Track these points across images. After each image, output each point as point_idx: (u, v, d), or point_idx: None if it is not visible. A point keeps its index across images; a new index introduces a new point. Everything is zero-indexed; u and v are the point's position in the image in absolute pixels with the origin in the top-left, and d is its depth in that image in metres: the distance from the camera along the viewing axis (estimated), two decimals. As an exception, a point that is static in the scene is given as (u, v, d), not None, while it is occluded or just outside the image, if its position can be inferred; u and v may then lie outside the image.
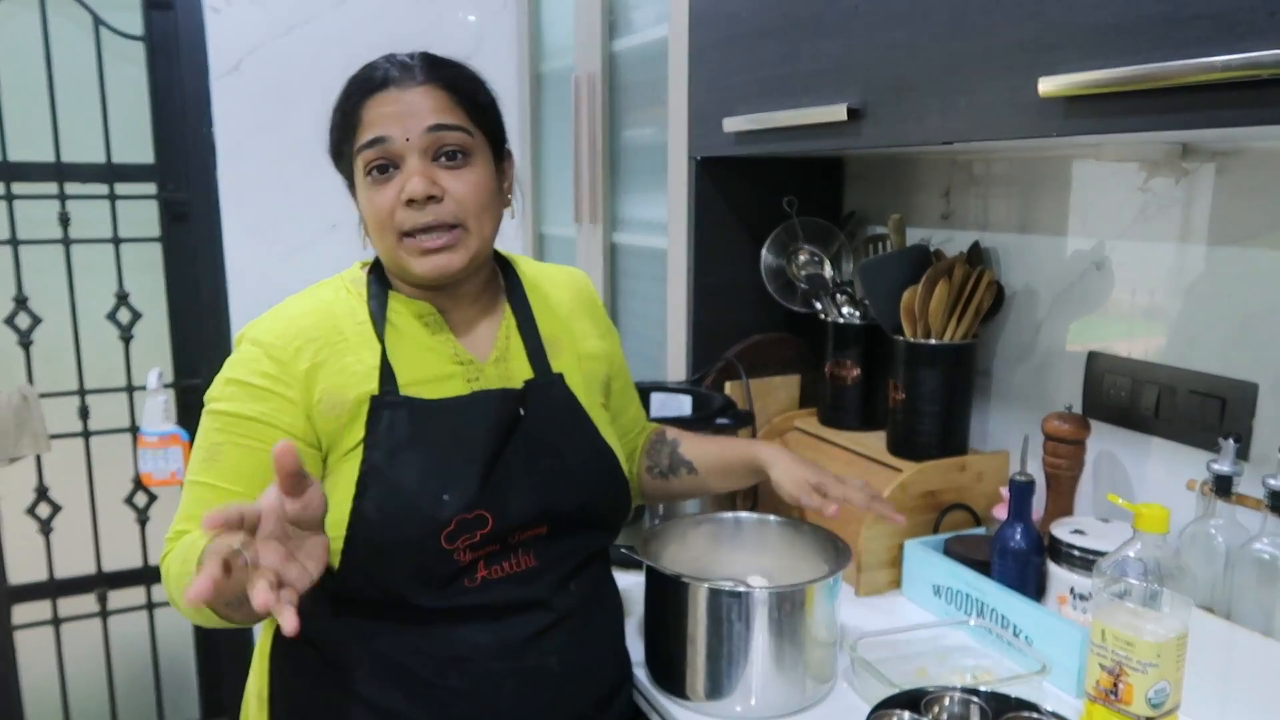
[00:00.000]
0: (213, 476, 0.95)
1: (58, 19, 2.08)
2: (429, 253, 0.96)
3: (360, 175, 0.98)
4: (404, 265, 0.98)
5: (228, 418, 0.95)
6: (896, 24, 1.09)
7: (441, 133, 0.96)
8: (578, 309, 1.15)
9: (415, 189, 0.94)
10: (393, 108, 0.95)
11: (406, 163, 0.95)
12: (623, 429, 1.23)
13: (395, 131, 0.95)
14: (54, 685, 2.29)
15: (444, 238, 0.96)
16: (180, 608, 0.95)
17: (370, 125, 0.96)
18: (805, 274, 1.64)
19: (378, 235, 0.98)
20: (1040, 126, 0.91)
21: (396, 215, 0.96)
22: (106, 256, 2.18)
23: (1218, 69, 0.72)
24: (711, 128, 1.50)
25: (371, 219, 0.98)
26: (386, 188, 0.96)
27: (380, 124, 0.95)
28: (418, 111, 0.95)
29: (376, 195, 0.96)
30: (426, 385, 0.99)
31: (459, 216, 0.97)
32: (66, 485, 2.23)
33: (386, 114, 0.95)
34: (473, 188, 0.97)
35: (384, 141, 0.95)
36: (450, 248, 0.97)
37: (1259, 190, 1.10)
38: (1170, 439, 1.21)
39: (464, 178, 0.97)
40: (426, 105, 0.96)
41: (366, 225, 1.01)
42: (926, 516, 1.39)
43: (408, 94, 0.96)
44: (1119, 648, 0.93)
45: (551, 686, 1.01)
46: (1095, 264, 1.31)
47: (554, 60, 2.31)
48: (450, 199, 0.96)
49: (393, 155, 0.95)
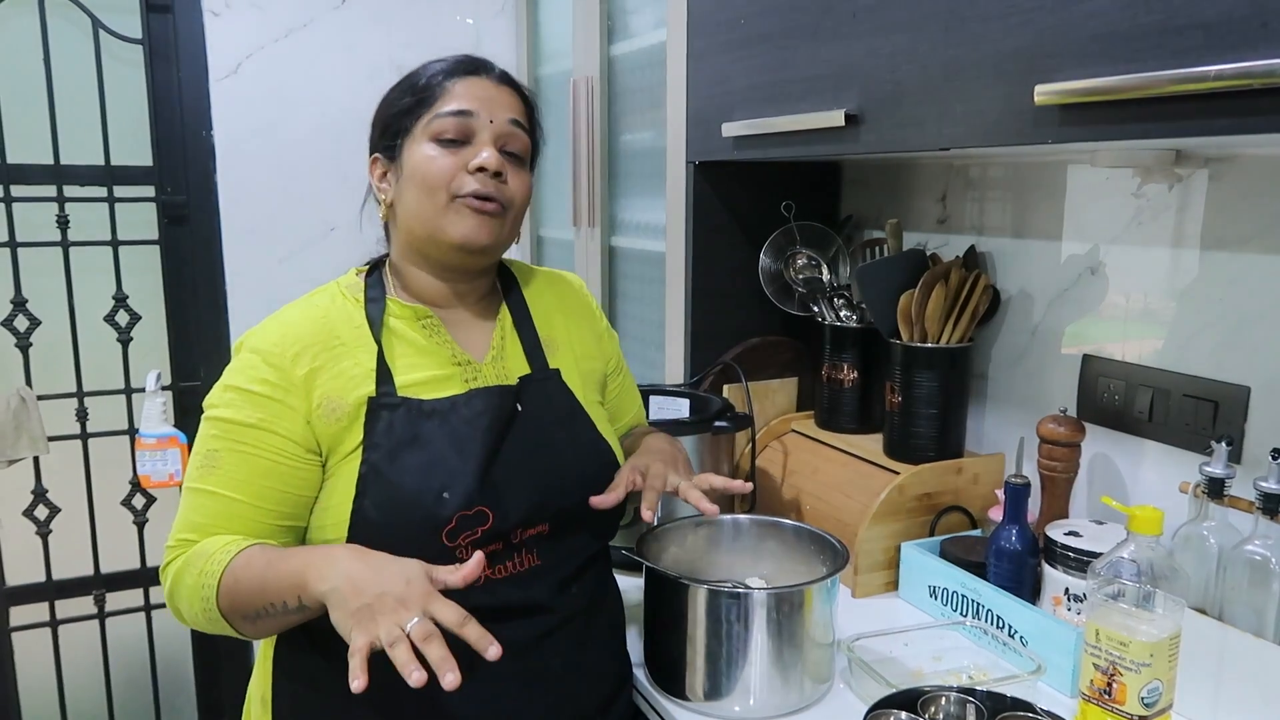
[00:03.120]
0: (212, 483, 0.95)
1: (57, 22, 2.08)
2: (474, 212, 0.99)
3: (422, 140, 1.00)
4: (443, 226, 1.00)
5: (226, 424, 0.96)
6: (894, 31, 1.10)
7: (516, 129, 1.03)
8: (573, 311, 1.17)
9: (490, 160, 0.99)
10: (481, 91, 1.02)
11: (478, 140, 1.00)
12: (623, 430, 1.24)
13: (482, 110, 1.00)
14: (51, 687, 2.28)
15: (493, 205, 1.01)
16: (187, 618, 0.96)
17: (457, 97, 1.00)
18: (803, 278, 1.65)
19: (425, 195, 1.00)
20: (1036, 133, 0.92)
21: (457, 179, 0.99)
22: (105, 259, 2.19)
23: (1210, 79, 0.73)
24: (709, 132, 1.51)
25: (424, 178, 1.00)
26: (453, 154, 1.00)
27: (468, 100, 1.00)
28: (503, 104, 1.02)
29: (441, 159, 0.99)
30: (424, 386, 1.00)
31: (509, 201, 1.02)
32: (64, 487, 2.23)
33: (475, 94, 1.01)
34: (524, 187, 1.05)
35: (469, 115, 1.00)
36: (495, 216, 1.01)
37: (1251, 196, 1.11)
38: (1164, 442, 1.23)
39: (520, 175, 1.04)
40: (510, 102, 1.03)
41: (406, 186, 1.01)
42: (923, 518, 1.40)
43: (496, 87, 1.03)
44: (1113, 648, 0.94)
45: (554, 688, 1.02)
46: (1090, 268, 1.32)
47: (552, 64, 2.32)
48: (509, 185, 1.02)
49: (470, 130, 1.00)
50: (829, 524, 1.40)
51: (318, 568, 0.86)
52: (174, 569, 0.96)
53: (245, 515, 0.95)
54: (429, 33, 2.38)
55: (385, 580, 0.83)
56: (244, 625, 0.92)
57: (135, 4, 2.11)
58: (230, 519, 0.95)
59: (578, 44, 2.05)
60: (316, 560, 0.87)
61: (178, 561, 0.96)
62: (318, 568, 0.86)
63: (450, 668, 0.78)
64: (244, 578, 0.90)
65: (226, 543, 0.93)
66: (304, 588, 0.86)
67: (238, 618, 0.92)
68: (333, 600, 0.83)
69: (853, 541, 1.35)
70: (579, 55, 2.04)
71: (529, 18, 2.39)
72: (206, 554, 0.93)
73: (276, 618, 0.90)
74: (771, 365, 1.70)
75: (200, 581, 0.92)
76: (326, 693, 1.00)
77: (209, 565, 0.92)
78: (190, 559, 0.94)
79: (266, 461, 0.95)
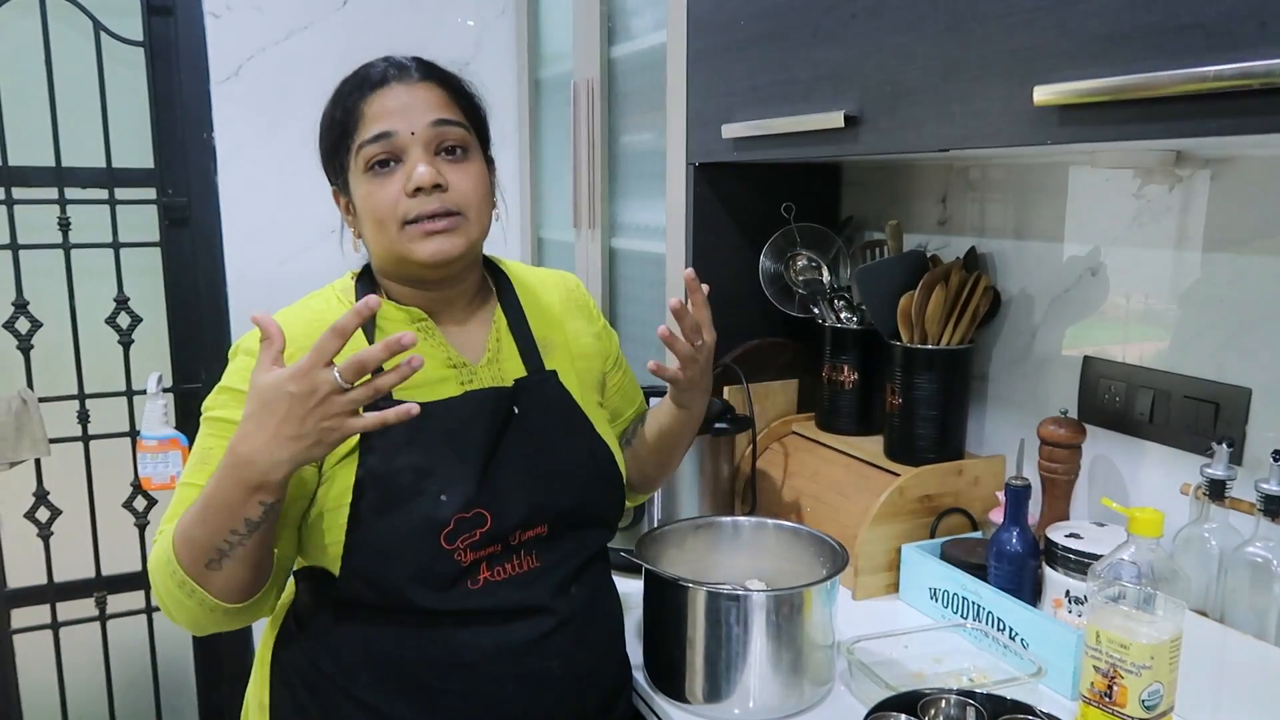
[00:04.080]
0: (203, 478, 0.93)
1: (58, 24, 2.09)
2: (432, 235, 0.97)
3: (359, 171, 0.98)
4: (406, 253, 0.98)
5: (222, 423, 0.96)
6: (893, 32, 1.10)
7: (444, 127, 0.98)
8: (569, 310, 1.16)
9: (423, 177, 0.95)
10: (395, 102, 0.96)
11: (410, 156, 0.97)
12: (622, 429, 1.24)
13: (400, 126, 0.96)
14: (52, 689, 2.28)
15: (445, 221, 0.98)
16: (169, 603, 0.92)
17: (373, 120, 0.96)
18: (803, 279, 1.65)
19: (377, 229, 0.98)
20: (1035, 134, 0.92)
21: (400, 205, 0.96)
22: (106, 261, 2.19)
23: (1210, 79, 0.73)
24: (710, 134, 1.51)
25: (372, 213, 0.98)
26: (389, 181, 0.97)
27: (384, 119, 0.96)
28: (421, 107, 0.97)
29: (379, 189, 0.97)
30: (420, 389, 0.99)
31: (461, 205, 0.99)
32: (66, 489, 2.23)
33: (389, 109, 0.96)
34: (473, 179, 1.00)
35: (389, 136, 0.96)
36: (452, 231, 0.98)
37: (1252, 197, 1.11)
38: (1164, 443, 1.22)
39: (465, 170, 0.99)
40: (429, 100, 0.98)
41: (362, 222, 1.01)
42: (923, 520, 1.40)
43: (410, 90, 0.97)
44: (1113, 650, 0.94)
45: (553, 690, 1.02)
46: (1090, 269, 1.32)
47: (553, 66, 2.32)
48: (453, 189, 0.98)
49: (397, 149, 0.96)
50: (829, 526, 1.40)
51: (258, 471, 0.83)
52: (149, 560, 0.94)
53: None
54: (430, 35, 2.38)
55: (281, 409, 0.82)
56: (209, 577, 0.88)
57: (136, 6, 2.12)
58: None
59: (578, 46, 2.05)
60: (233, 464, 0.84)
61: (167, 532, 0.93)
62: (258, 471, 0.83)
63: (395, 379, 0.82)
64: (191, 527, 0.87)
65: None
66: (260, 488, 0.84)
67: (201, 569, 0.88)
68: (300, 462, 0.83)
69: (853, 543, 1.34)
70: (579, 57, 2.04)
71: (530, 20, 2.39)
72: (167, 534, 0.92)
73: (239, 546, 0.87)
74: (772, 367, 1.70)
75: (165, 549, 0.90)
76: (324, 697, 1.00)
77: (161, 536, 0.91)
78: (158, 542, 0.93)
79: None
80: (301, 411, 0.81)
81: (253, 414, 0.83)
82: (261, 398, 0.83)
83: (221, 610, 0.91)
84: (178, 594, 0.91)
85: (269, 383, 0.82)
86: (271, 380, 0.82)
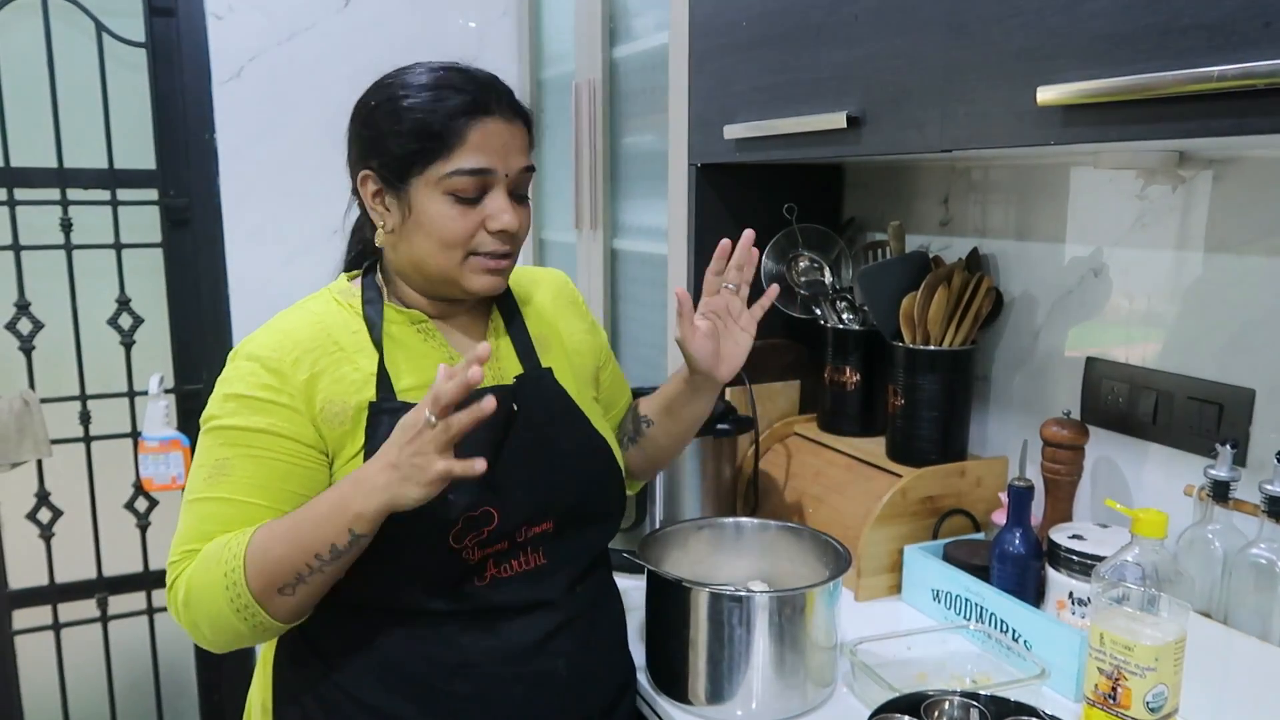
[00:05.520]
0: (225, 491, 0.94)
1: (60, 25, 2.09)
2: (491, 272, 1.00)
3: (437, 190, 0.96)
4: (460, 280, 1.00)
5: (234, 431, 0.95)
6: (896, 33, 1.10)
7: (527, 174, 1.02)
8: (562, 307, 1.17)
9: (510, 223, 0.98)
10: (498, 140, 0.98)
11: (494, 194, 0.98)
12: (615, 421, 1.24)
13: (499, 165, 0.98)
14: (54, 690, 2.28)
15: (506, 261, 1.02)
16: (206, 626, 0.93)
17: (476, 150, 0.96)
18: (805, 280, 1.65)
19: (439, 251, 0.98)
20: (1038, 135, 0.92)
21: (476, 239, 0.98)
22: (108, 262, 2.19)
23: (1213, 79, 0.73)
24: (712, 134, 1.51)
25: (440, 235, 0.97)
26: (470, 212, 0.98)
27: (487, 154, 0.97)
28: (516, 149, 1.00)
29: (459, 217, 0.97)
30: (424, 390, 0.99)
31: (519, 245, 1.03)
32: (67, 490, 2.23)
33: (492, 146, 0.97)
34: (528, 222, 1.04)
35: (489, 173, 0.97)
36: (506, 269, 1.03)
37: (1255, 197, 1.11)
38: (1168, 445, 1.22)
39: (526, 212, 1.03)
40: (521, 144, 1.01)
41: (416, 234, 0.98)
42: (926, 522, 1.39)
43: (510, 127, 0.99)
44: (1117, 652, 0.93)
45: (558, 691, 1.02)
46: (1093, 270, 1.31)
47: (554, 67, 2.32)
48: (520, 231, 1.01)
49: (488, 186, 0.98)
50: (831, 527, 1.40)
51: (356, 490, 0.89)
52: (184, 579, 0.94)
53: (259, 519, 0.94)
54: (432, 36, 2.38)
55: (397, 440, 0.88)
56: (277, 601, 0.91)
57: (138, 7, 2.12)
58: (244, 523, 0.94)
59: (580, 47, 2.05)
60: (346, 483, 0.90)
61: (186, 571, 0.94)
62: (356, 490, 0.89)
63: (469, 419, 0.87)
64: (273, 546, 0.90)
65: (230, 536, 0.93)
66: (357, 516, 0.88)
67: (272, 593, 0.90)
68: (395, 499, 0.88)
69: (855, 544, 1.34)
70: (581, 58, 2.04)
71: (531, 21, 2.39)
72: (217, 549, 0.92)
73: (318, 574, 0.91)
74: (774, 368, 1.70)
75: (222, 570, 0.90)
76: (327, 699, 1.00)
77: (226, 553, 0.91)
78: (204, 557, 0.93)
79: (283, 465, 0.95)
80: (401, 440, 0.87)
81: (384, 447, 0.90)
82: (394, 432, 0.90)
83: (271, 630, 0.94)
84: (231, 619, 0.91)
85: (403, 420, 0.89)
86: (405, 418, 0.89)
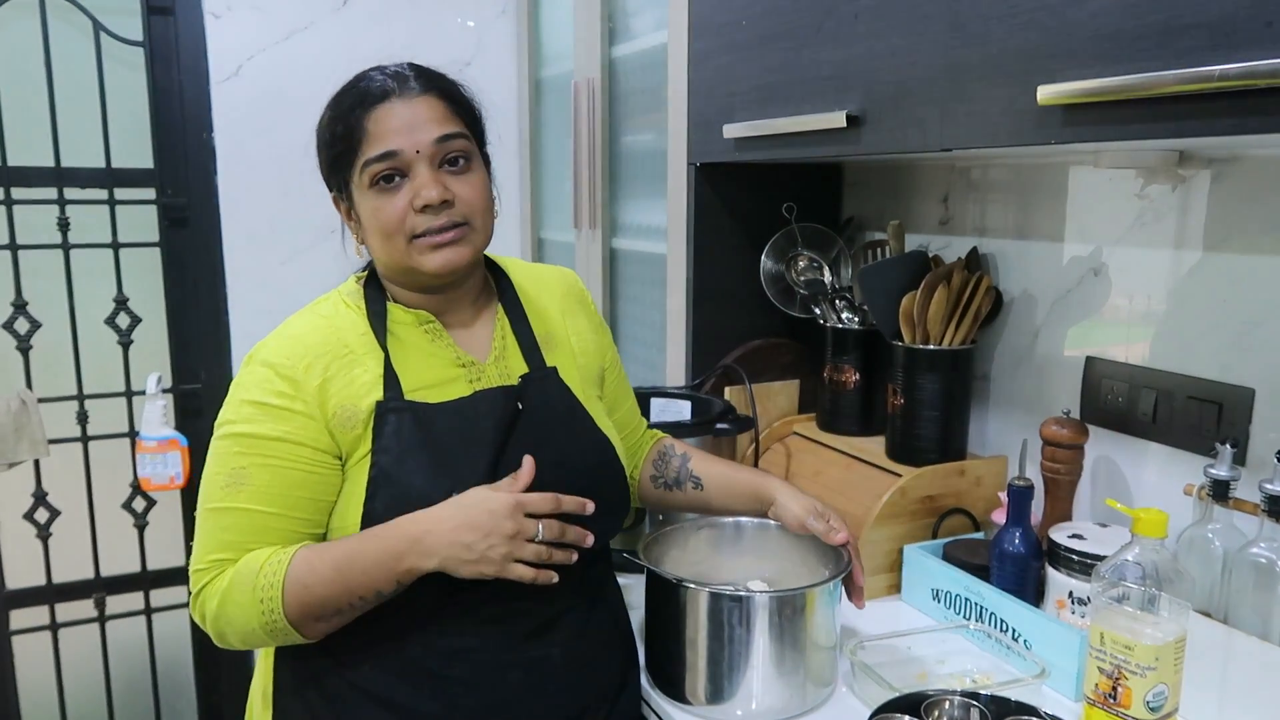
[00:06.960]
0: (243, 500, 0.95)
1: (58, 24, 2.08)
2: (439, 247, 0.99)
3: (363, 187, 0.99)
4: (414, 265, 0.99)
5: (250, 439, 0.95)
6: (896, 32, 1.10)
7: (448, 142, 0.99)
8: (569, 306, 1.17)
9: (431, 196, 0.96)
10: (398, 120, 0.97)
11: (415, 171, 0.97)
12: (619, 423, 1.24)
13: (404, 144, 0.96)
14: (51, 690, 2.28)
15: (453, 233, 0.99)
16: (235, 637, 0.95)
17: (378, 138, 0.97)
18: (804, 279, 1.65)
19: (385, 242, 0.99)
20: (1039, 134, 0.92)
21: (408, 221, 0.98)
22: (106, 261, 2.19)
23: (1214, 78, 0.73)
24: (711, 134, 1.51)
25: (379, 227, 0.99)
26: (396, 196, 0.98)
27: (388, 137, 0.97)
28: (424, 122, 0.97)
29: (385, 204, 0.98)
30: (431, 390, 1.00)
31: (467, 215, 1.00)
32: (65, 490, 2.23)
33: (393, 127, 0.97)
34: (477, 189, 1.01)
35: (395, 155, 0.97)
36: (458, 242, 1.00)
37: (1255, 197, 1.11)
38: (1167, 444, 1.22)
39: (469, 181, 1.00)
40: (431, 115, 0.98)
41: (368, 233, 1.02)
42: (925, 521, 1.39)
43: (411, 105, 0.98)
44: (1117, 651, 0.93)
45: (555, 677, 1.03)
46: (1093, 270, 1.31)
47: (553, 66, 2.32)
48: (459, 200, 0.99)
49: (402, 167, 0.97)
50: (831, 527, 1.40)
51: (415, 549, 0.91)
52: (218, 590, 0.94)
53: (277, 528, 0.95)
54: (431, 35, 2.38)
55: (483, 526, 0.91)
56: (313, 627, 0.94)
57: (136, 6, 2.11)
58: (263, 533, 0.95)
59: (579, 46, 2.04)
60: (403, 538, 0.92)
61: (220, 581, 0.95)
62: (415, 549, 0.91)
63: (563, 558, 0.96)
64: (314, 582, 0.92)
65: (269, 555, 0.94)
66: (408, 571, 0.92)
67: (309, 621, 0.93)
68: (448, 567, 0.92)
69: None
70: (580, 57, 2.04)
71: (530, 20, 2.39)
72: (254, 570, 0.93)
73: (358, 609, 0.94)
74: (773, 367, 1.70)
75: (259, 596, 0.92)
76: (327, 686, 1.00)
77: (262, 580, 0.92)
78: (237, 577, 0.94)
79: (299, 473, 0.95)
80: (490, 528, 0.91)
81: (454, 514, 0.93)
82: (477, 507, 0.93)
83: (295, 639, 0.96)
84: (263, 636, 0.94)
85: (494, 505, 0.92)
86: (497, 503, 0.92)
